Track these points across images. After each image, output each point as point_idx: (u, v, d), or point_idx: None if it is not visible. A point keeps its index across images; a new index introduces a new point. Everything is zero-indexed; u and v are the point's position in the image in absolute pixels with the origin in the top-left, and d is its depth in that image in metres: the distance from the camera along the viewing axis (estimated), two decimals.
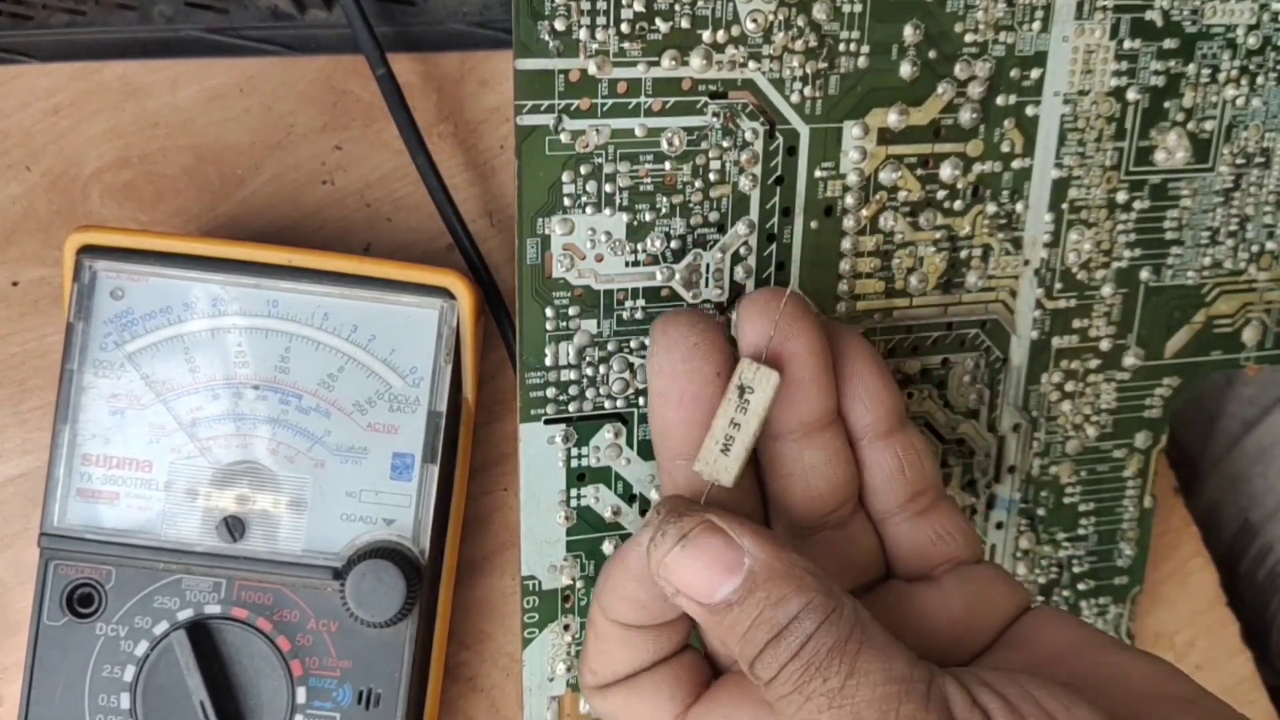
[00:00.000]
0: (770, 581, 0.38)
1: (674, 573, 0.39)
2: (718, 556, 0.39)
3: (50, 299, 0.54)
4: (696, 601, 0.39)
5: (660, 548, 0.40)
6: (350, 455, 0.51)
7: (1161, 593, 0.65)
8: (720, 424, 0.41)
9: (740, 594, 0.38)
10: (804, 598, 0.38)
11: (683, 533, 0.39)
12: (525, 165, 0.46)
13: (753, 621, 0.38)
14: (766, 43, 0.47)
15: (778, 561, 0.39)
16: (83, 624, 0.50)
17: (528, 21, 0.45)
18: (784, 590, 0.38)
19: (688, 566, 0.39)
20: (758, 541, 0.39)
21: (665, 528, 0.40)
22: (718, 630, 0.39)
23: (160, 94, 0.54)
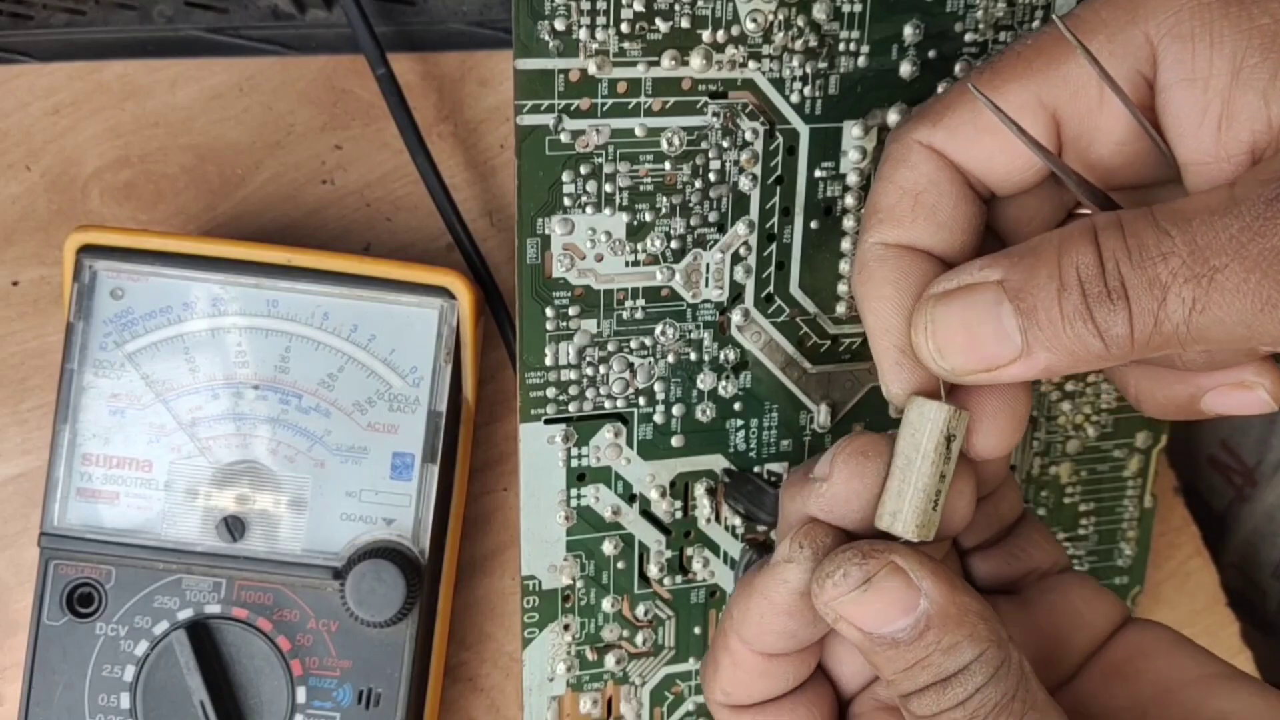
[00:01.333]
0: (944, 626, 0.38)
1: (846, 610, 0.38)
2: (894, 599, 0.38)
3: (50, 298, 0.54)
4: (859, 629, 0.39)
5: (840, 587, 0.38)
6: (350, 455, 0.51)
7: (1162, 592, 0.64)
8: (929, 481, 0.39)
9: (910, 635, 0.38)
10: (977, 648, 0.37)
11: (867, 576, 0.38)
12: (525, 165, 0.46)
13: (917, 662, 0.37)
14: (766, 42, 0.47)
15: (953, 606, 0.38)
16: (83, 624, 0.50)
17: (528, 21, 0.45)
18: (956, 637, 0.37)
19: (862, 607, 0.38)
20: (936, 584, 0.38)
21: (849, 569, 0.38)
22: (873, 657, 0.39)
23: (160, 93, 0.54)
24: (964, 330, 0.37)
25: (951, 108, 0.40)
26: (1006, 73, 0.39)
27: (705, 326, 0.50)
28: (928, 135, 0.41)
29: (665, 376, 0.50)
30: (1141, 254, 0.34)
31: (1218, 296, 0.33)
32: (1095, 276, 0.35)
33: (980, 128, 0.40)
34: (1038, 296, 0.36)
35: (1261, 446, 0.69)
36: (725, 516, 0.53)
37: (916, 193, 0.40)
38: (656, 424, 0.51)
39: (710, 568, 0.53)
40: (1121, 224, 0.35)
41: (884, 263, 0.41)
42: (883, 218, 0.41)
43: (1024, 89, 0.39)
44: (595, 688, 0.53)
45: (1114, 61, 0.37)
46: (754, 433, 0.52)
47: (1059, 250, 0.35)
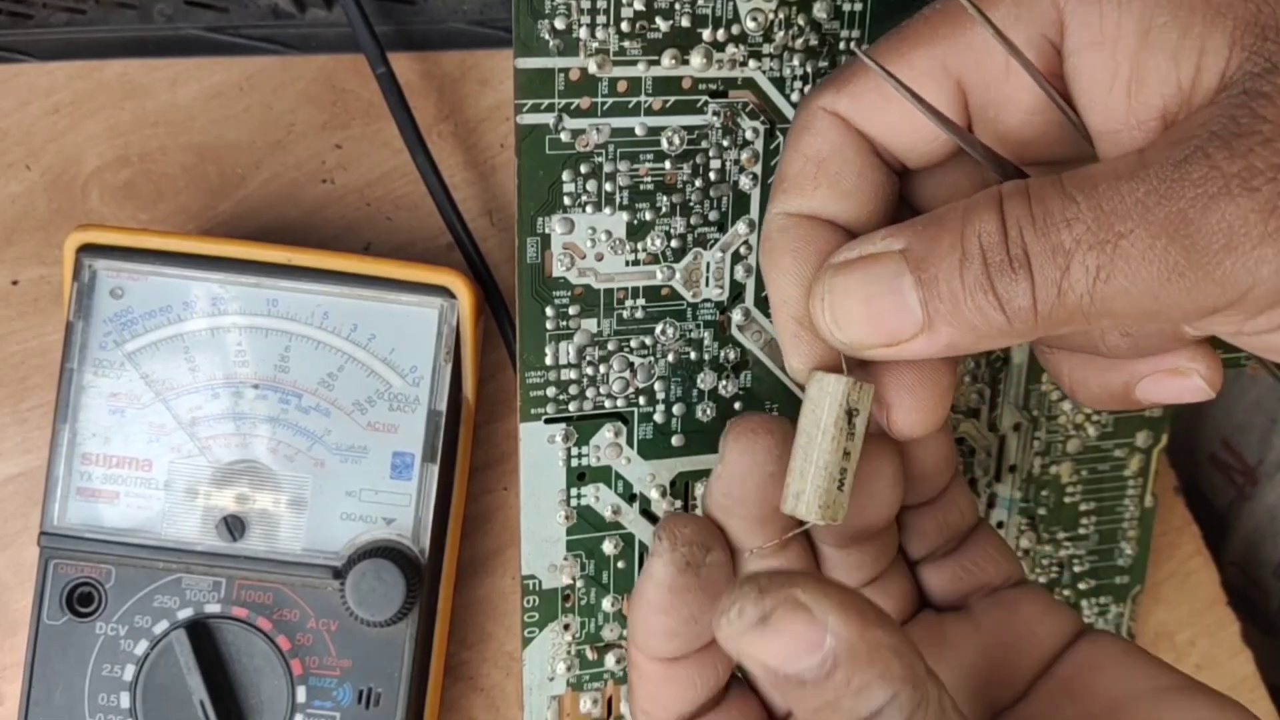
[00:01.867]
0: (852, 664, 0.34)
1: (746, 649, 0.34)
2: (798, 635, 0.34)
3: (50, 298, 0.54)
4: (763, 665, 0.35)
5: (734, 625, 0.34)
6: (350, 454, 0.51)
7: (1162, 592, 0.65)
8: (830, 458, 0.38)
9: (817, 674, 0.34)
10: (888, 689, 0.34)
11: (764, 613, 0.34)
12: (525, 164, 0.46)
13: (826, 704, 0.34)
14: (767, 41, 0.47)
15: (862, 642, 0.34)
16: (83, 623, 0.50)
17: (528, 20, 0.45)
18: (867, 677, 0.34)
19: (762, 645, 0.34)
20: (844, 618, 0.34)
21: (744, 604, 0.34)
22: (781, 695, 0.37)
23: (160, 93, 0.54)
24: (863, 302, 0.36)
25: (857, 74, 0.39)
26: (912, 38, 0.38)
27: (706, 326, 0.50)
28: (831, 101, 0.40)
29: (665, 376, 0.50)
30: (1046, 221, 0.33)
31: (1122, 264, 0.32)
32: (998, 244, 0.34)
33: (886, 95, 0.39)
34: (939, 267, 0.35)
35: (1263, 445, 0.69)
36: None
37: (820, 160, 0.40)
38: (657, 423, 0.51)
39: None
40: (1028, 191, 0.34)
41: (785, 233, 0.40)
42: (786, 187, 0.40)
43: (928, 56, 0.38)
44: (595, 687, 0.53)
45: (1019, 26, 0.36)
46: None
47: (963, 219, 0.35)
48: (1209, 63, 0.33)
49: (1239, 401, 0.71)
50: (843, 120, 0.40)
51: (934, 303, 0.35)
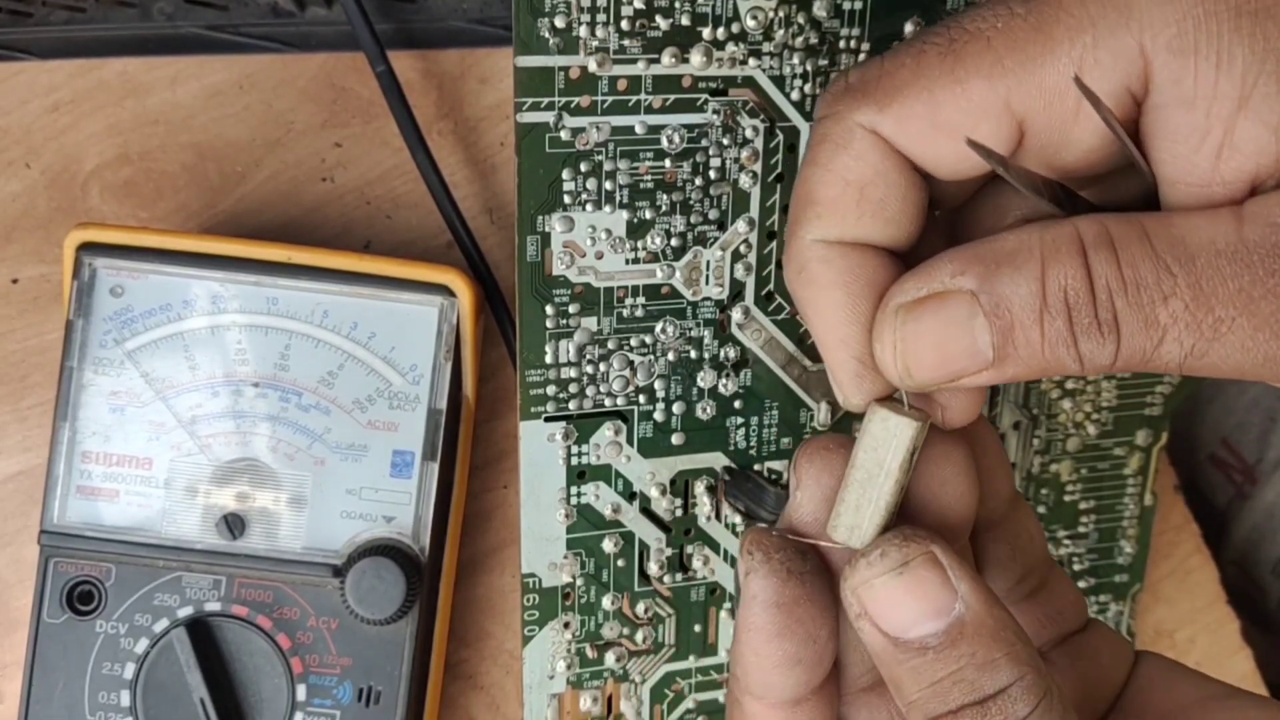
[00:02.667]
0: (979, 638, 0.34)
1: (875, 595, 0.35)
2: (929, 593, 0.34)
3: (50, 296, 0.54)
4: (883, 632, 0.35)
5: (873, 567, 0.35)
6: (350, 453, 0.51)
7: (1162, 590, 0.65)
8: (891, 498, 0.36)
9: (942, 641, 0.34)
10: (1016, 670, 0.33)
11: (904, 560, 0.34)
12: (525, 163, 0.46)
13: (949, 675, 0.34)
14: (767, 40, 0.47)
15: (990, 617, 0.34)
16: (83, 621, 0.50)
17: (528, 18, 0.45)
18: (994, 653, 0.34)
19: (893, 594, 0.34)
20: (975, 589, 0.34)
21: (887, 548, 0.35)
22: (894, 670, 0.35)
23: (160, 91, 0.54)
24: (935, 347, 0.34)
25: (903, 92, 0.35)
26: (971, 64, 0.34)
27: (706, 324, 0.50)
28: (872, 119, 0.35)
29: (665, 374, 0.50)
30: (1139, 290, 0.32)
31: (1219, 348, 0.31)
32: (1085, 304, 0.32)
33: (938, 124, 0.35)
34: (1017, 315, 0.33)
35: (1262, 444, 0.69)
36: (725, 514, 0.53)
37: (862, 185, 0.36)
38: (657, 422, 0.51)
39: (710, 565, 0.53)
40: (1114, 245, 0.32)
41: (829, 264, 0.37)
42: (822, 212, 0.36)
43: (991, 89, 0.34)
44: (595, 685, 0.53)
45: (1099, 71, 0.33)
46: (754, 430, 0.52)
47: (1043, 264, 0.33)
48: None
49: (1238, 400, 0.71)
50: (884, 141, 0.36)
51: (1007, 348, 0.33)
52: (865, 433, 0.37)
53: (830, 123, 0.36)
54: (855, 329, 0.36)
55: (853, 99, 0.36)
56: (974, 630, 0.34)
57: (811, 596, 0.37)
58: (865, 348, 0.36)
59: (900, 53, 0.35)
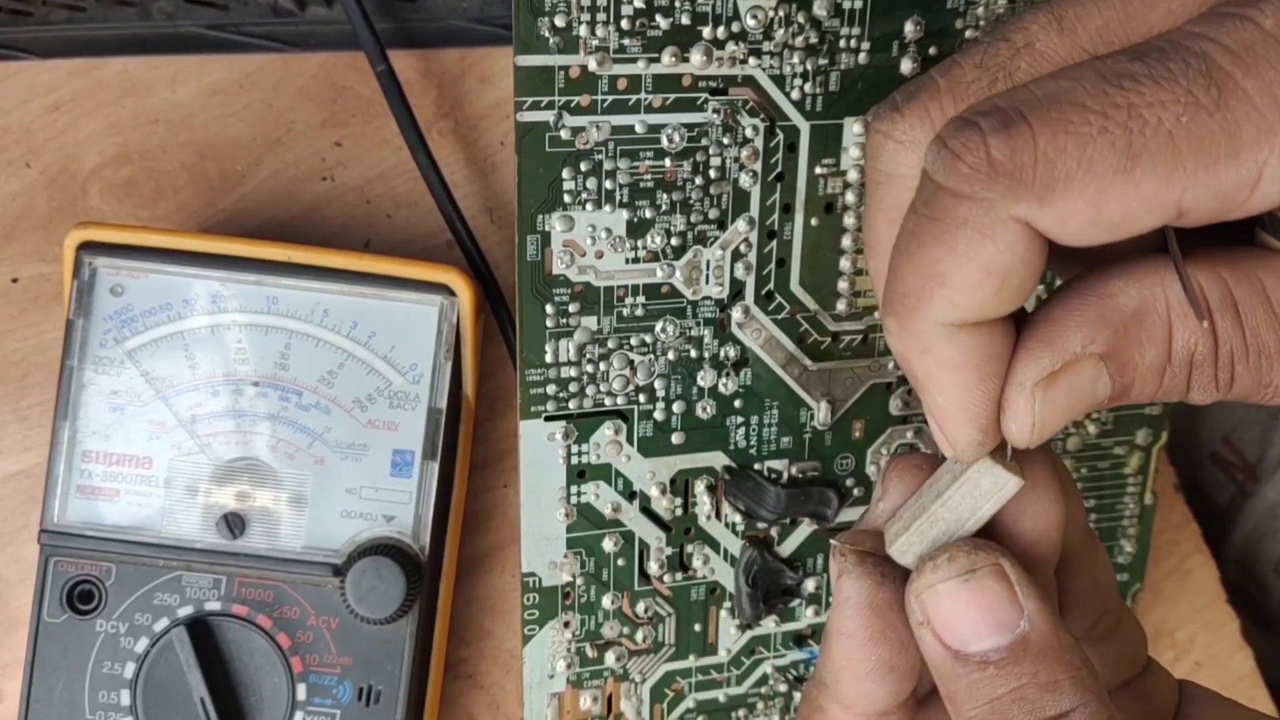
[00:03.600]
0: (1043, 657, 0.34)
1: (939, 603, 0.35)
2: (995, 606, 0.34)
3: (50, 296, 0.54)
4: (944, 643, 0.35)
5: (939, 571, 0.35)
6: (350, 452, 0.51)
7: (1162, 589, 0.65)
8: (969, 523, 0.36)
9: (1004, 656, 0.34)
10: (1080, 695, 0.33)
11: (971, 567, 0.34)
12: (525, 162, 0.46)
13: (1009, 693, 0.33)
14: (767, 39, 0.47)
15: (1056, 639, 0.34)
16: (83, 621, 0.50)
17: (527, 18, 0.45)
18: (1058, 675, 0.33)
19: (957, 602, 0.34)
20: (1042, 608, 0.34)
21: (954, 553, 0.35)
22: (952, 683, 0.35)
23: (160, 90, 0.54)
24: (1067, 412, 0.34)
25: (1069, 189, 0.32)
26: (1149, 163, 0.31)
27: (706, 323, 0.50)
28: (1031, 214, 0.32)
29: (665, 373, 0.50)
30: (1260, 357, 0.32)
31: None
32: (1208, 365, 0.33)
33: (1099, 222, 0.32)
34: (1140, 375, 0.33)
35: (1263, 443, 0.69)
36: (726, 514, 0.53)
37: (1006, 275, 0.33)
38: (657, 421, 0.51)
39: (710, 565, 0.53)
40: (1238, 310, 0.32)
41: (958, 346, 0.34)
42: (957, 300, 0.33)
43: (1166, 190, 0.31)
44: (595, 685, 0.53)
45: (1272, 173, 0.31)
46: (754, 430, 0.52)
47: (1170, 328, 0.33)
48: None
49: None
50: (1036, 232, 0.33)
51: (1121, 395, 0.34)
52: (968, 480, 0.36)
53: (975, 208, 0.32)
54: (986, 405, 0.35)
55: (1007, 187, 0.32)
56: (1038, 649, 0.33)
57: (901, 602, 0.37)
58: (991, 420, 0.35)
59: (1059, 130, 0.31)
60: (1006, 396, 0.34)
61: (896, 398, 0.53)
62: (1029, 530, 0.37)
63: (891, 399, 0.53)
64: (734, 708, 0.55)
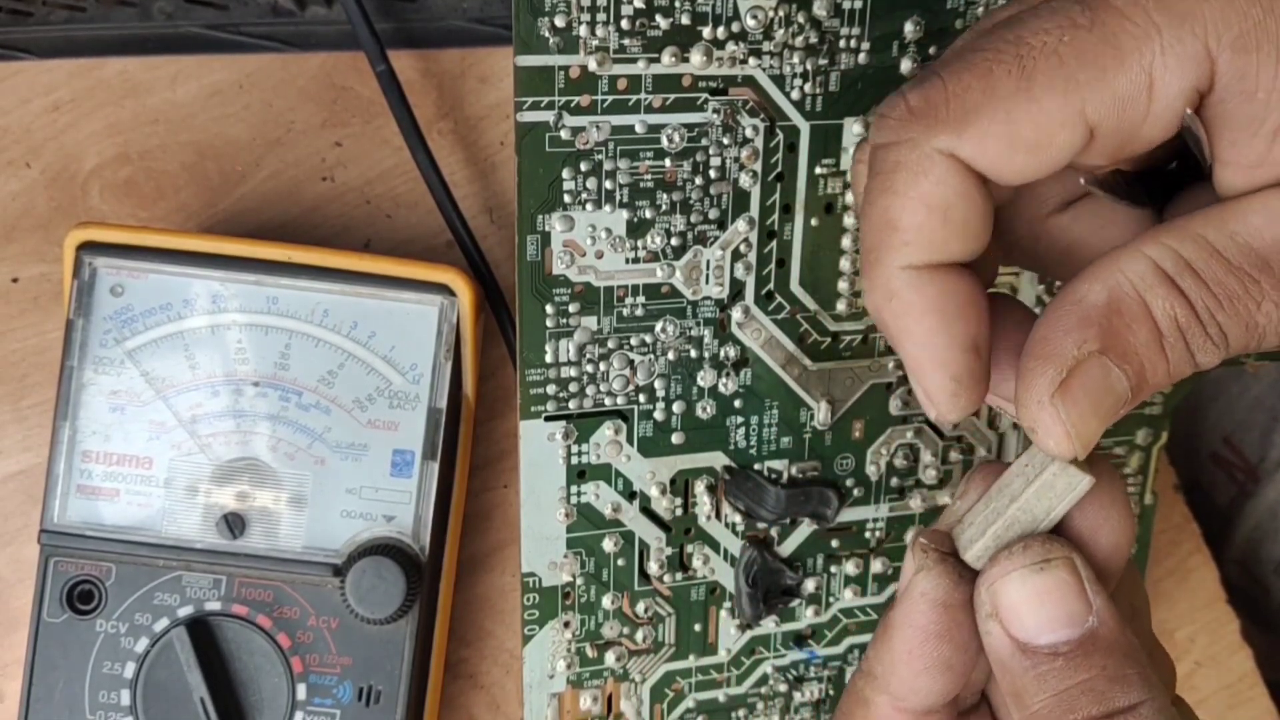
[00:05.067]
0: (1112, 653, 0.35)
1: (1010, 592, 0.36)
2: (1066, 599, 0.35)
3: (50, 295, 0.54)
4: (1013, 636, 0.36)
5: (1013, 559, 0.36)
6: (350, 452, 0.51)
7: (1162, 589, 0.65)
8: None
9: (1074, 649, 0.35)
10: (1148, 690, 0.34)
11: (1046, 556, 0.36)
12: (525, 162, 0.46)
13: (1078, 684, 0.34)
14: (767, 39, 0.47)
15: (1123, 637, 0.35)
16: (83, 621, 0.50)
17: (527, 18, 0.45)
18: (1126, 670, 0.35)
19: (1028, 593, 0.36)
20: (1109, 606, 0.36)
21: (1030, 543, 0.36)
22: (1019, 676, 0.36)
23: (160, 90, 0.54)
24: (1094, 411, 0.35)
25: (979, 114, 0.35)
26: (1044, 80, 0.34)
27: (705, 323, 0.50)
28: (950, 144, 0.35)
29: (665, 373, 0.50)
30: (1234, 302, 0.34)
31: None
32: (1194, 326, 0.34)
33: (1015, 142, 0.35)
34: (1144, 356, 0.35)
35: (1265, 443, 0.69)
36: (726, 514, 0.53)
37: (945, 209, 0.36)
38: (657, 421, 0.51)
39: (710, 565, 0.53)
40: (1195, 269, 0.34)
41: (920, 290, 0.37)
42: (909, 239, 0.36)
43: (1066, 103, 0.35)
44: (595, 685, 0.53)
45: (1169, 76, 0.34)
46: (754, 430, 0.52)
47: (1146, 305, 0.34)
48: None
49: (1240, 399, 0.71)
50: (963, 163, 0.36)
51: (1143, 383, 0.35)
52: (1043, 482, 0.37)
53: (904, 149, 0.36)
54: (953, 351, 0.37)
55: (925, 124, 0.36)
56: (1107, 644, 0.35)
57: (970, 604, 0.38)
58: (962, 367, 0.37)
59: (962, 71, 0.35)
60: (1032, 418, 0.35)
61: (896, 398, 0.53)
62: (1105, 544, 0.38)
63: (891, 399, 0.53)
64: (734, 708, 0.55)
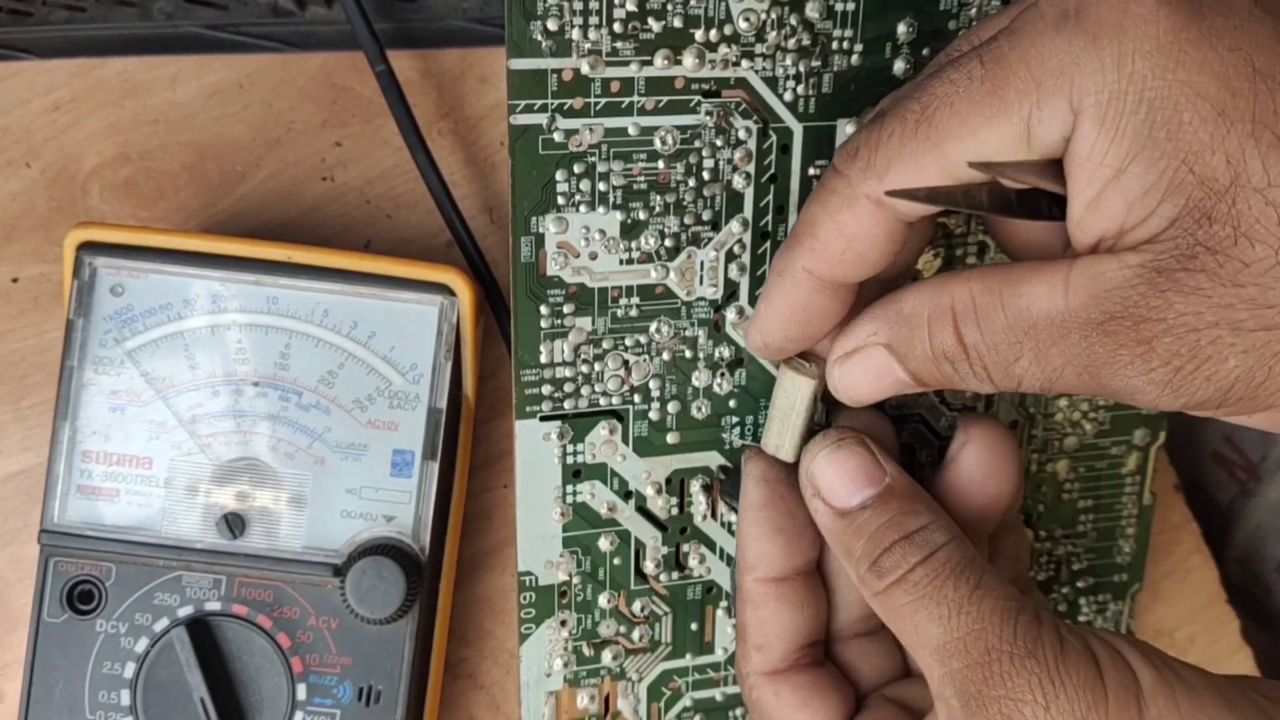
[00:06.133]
0: (905, 496, 0.44)
1: (821, 470, 0.45)
2: (862, 467, 0.45)
3: (50, 296, 0.54)
4: (830, 505, 0.45)
5: (816, 445, 0.46)
6: (350, 452, 0.51)
7: (1162, 589, 0.64)
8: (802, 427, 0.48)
9: (876, 501, 0.44)
10: (934, 515, 0.44)
11: (839, 438, 0.46)
12: (519, 164, 0.46)
13: (883, 524, 0.43)
14: (759, 41, 0.47)
15: (913, 488, 0.45)
16: (83, 621, 0.50)
17: (520, 21, 0.45)
18: (916, 505, 0.44)
19: (833, 467, 0.45)
20: (897, 469, 0.45)
21: (827, 433, 0.46)
22: (843, 537, 0.44)
23: (160, 90, 0.54)
24: (867, 383, 0.44)
25: (895, 163, 0.41)
26: (943, 128, 0.40)
27: (700, 324, 0.50)
28: (875, 189, 0.41)
29: (660, 374, 0.50)
30: (997, 351, 0.40)
31: (1060, 386, 0.40)
32: (961, 358, 0.41)
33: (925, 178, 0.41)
34: (918, 361, 0.42)
35: (1266, 441, 0.69)
36: (721, 513, 0.53)
37: (851, 239, 0.43)
38: (652, 421, 0.51)
39: (706, 564, 0.53)
40: (977, 316, 0.40)
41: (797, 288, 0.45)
42: (814, 246, 0.43)
43: (961, 148, 0.40)
44: (592, 683, 0.53)
45: (1042, 127, 0.38)
46: (749, 429, 0.52)
47: (929, 329, 0.41)
48: (1152, 221, 0.37)
49: None
50: (883, 207, 0.42)
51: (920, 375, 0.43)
52: (779, 386, 0.48)
53: (841, 183, 0.42)
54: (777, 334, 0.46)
55: (860, 167, 0.42)
56: (900, 492, 0.44)
57: (789, 481, 0.48)
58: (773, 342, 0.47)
59: (891, 121, 0.41)
60: (827, 371, 0.46)
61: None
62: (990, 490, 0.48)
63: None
64: (731, 706, 0.55)
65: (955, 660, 0.40)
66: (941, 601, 0.41)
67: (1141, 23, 0.37)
